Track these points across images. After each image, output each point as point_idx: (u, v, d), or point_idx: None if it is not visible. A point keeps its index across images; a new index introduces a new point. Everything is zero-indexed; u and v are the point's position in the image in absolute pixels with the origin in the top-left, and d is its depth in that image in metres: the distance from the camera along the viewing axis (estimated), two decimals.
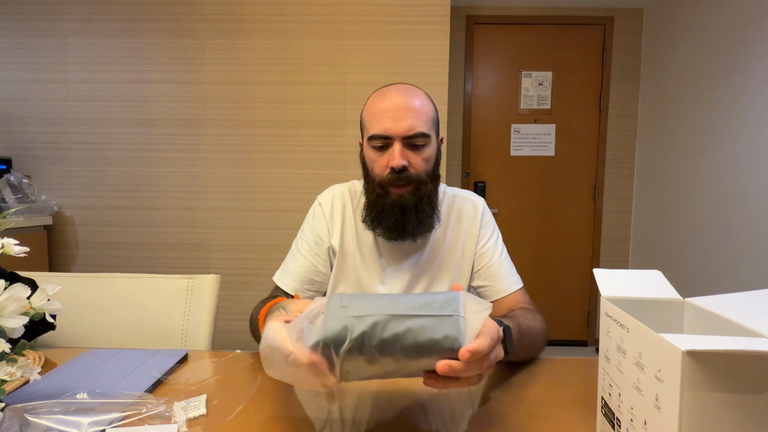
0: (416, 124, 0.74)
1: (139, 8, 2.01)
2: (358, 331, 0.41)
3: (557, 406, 0.55)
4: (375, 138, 0.75)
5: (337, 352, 0.40)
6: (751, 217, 1.74)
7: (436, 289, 0.84)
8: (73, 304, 0.90)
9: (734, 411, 0.30)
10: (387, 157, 0.75)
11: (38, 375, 0.47)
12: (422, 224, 0.78)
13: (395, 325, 0.41)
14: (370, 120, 0.77)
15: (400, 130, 0.73)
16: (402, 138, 0.74)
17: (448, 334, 0.40)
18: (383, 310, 0.42)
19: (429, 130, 0.76)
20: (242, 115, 2.05)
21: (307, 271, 0.84)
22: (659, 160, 2.39)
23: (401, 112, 0.74)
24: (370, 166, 0.79)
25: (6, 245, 0.47)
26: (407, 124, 0.73)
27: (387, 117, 0.74)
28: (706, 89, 2.01)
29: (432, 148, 0.78)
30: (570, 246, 2.71)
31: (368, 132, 0.77)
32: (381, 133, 0.74)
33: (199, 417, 0.51)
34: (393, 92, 0.77)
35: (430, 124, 0.77)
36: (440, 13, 1.98)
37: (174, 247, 2.11)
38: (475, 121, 2.66)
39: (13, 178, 1.93)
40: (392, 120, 0.73)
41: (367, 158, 0.80)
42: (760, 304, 0.40)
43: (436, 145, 0.80)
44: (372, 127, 0.76)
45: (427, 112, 0.77)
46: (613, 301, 0.43)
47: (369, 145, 0.77)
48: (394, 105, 0.74)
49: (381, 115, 0.75)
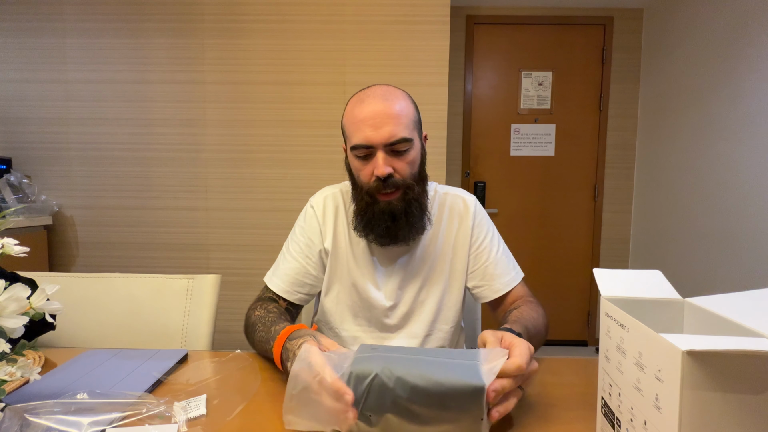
0: (397, 130, 0.73)
1: (139, 8, 2.01)
2: (382, 365, 0.45)
3: (557, 406, 0.55)
4: (357, 148, 0.74)
5: (361, 385, 0.44)
6: (751, 216, 1.74)
7: (428, 288, 0.84)
8: (73, 304, 0.90)
9: (734, 411, 0.30)
10: (371, 165, 0.74)
11: (38, 375, 0.47)
12: (413, 228, 0.78)
13: (420, 363, 0.46)
14: (350, 129, 0.76)
15: (381, 138, 0.72)
16: (384, 146, 0.73)
17: (470, 376, 0.44)
18: (409, 353, 0.48)
19: (410, 133, 0.75)
20: (242, 115, 2.05)
21: (297, 273, 0.84)
22: (659, 160, 2.39)
23: (380, 119, 0.72)
24: (356, 174, 0.78)
25: (6, 245, 0.47)
26: (388, 132, 0.72)
27: (366, 126, 0.73)
28: (706, 89, 2.01)
29: (416, 151, 0.77)
30: (570, 246, 2.71)
31: (350, 141, 0.76)
32: (362, 143, 0.73)
33: (199, 417, 0.51)
34: (370, 99, 0.75)
35: (411, 126, 0.75)
36: (440, 13, 1.98)
37: (174, 247, 2.11)
38: (475, 121, 2.66)
39: (13, 178, 1.93)
40: (372, 128, 0.72)
41: (352, 166, 0.79)
42: (760, 304, 0.40)
43: (419, 146, 0.78)
44: (353, 136, 0.75)
45: (406, 114, 0.75)
46: (613, 301, 0.43)
47: (352, 154, 0.77)
48: (373, 113, 0.73)
49: (360, 124, 0.73)
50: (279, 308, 0.79)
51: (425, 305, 0.84)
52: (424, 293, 0.84)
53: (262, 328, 0.70)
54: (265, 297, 0.84)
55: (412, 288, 0.84)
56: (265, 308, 0.77)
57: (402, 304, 0.84)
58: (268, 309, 0.77)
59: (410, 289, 0.84)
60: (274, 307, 0.78)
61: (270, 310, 0.77)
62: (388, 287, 0.83)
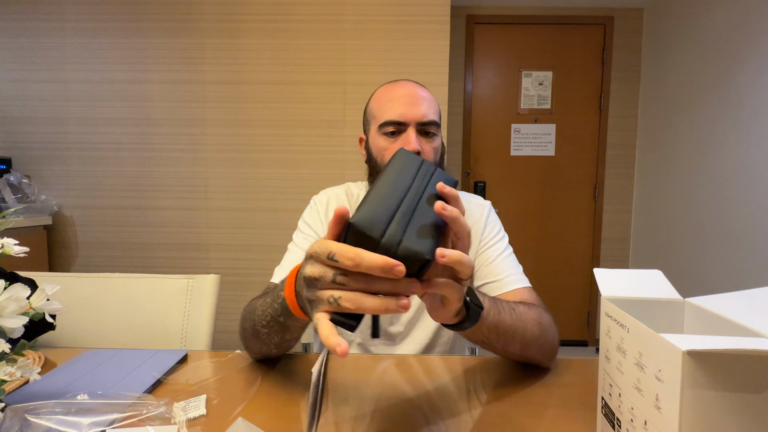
0: (429, 112, 0.74)
1: (139, 8, 2.01)
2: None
3: (557, 406, 0.55)
4: (388, 124, 0.74)
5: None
6: (752, 216, 1.74)
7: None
8: (73, 304, 0.90)
9: (735, 411, 0.30)
10: (400, 143, 0.74)
11: (38, 375, 0.47)
12: None
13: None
14: (381, 108, 0.77)
15: (415, 116, 0.73)
16: (416, 123, 0.74)
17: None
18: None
19: (439, 120, 0.77)
20: (242, 115, 2.05)
21: None
22: (659, 160, 2.39)
23: (415, 98, 0.74)
24: (380, 156, 0.77)
25: (6, 245, 0.47)
26: (422, 111, 0.74)
27: (401, 103, 0.74)
28: (706, 89, 2.01)
29: (439, 141, 0.78)
30: (570, 246, 2.71)
31: (379, 120, 0.76)
32: (395, 118, 0.74)
33: (199, 417, 0.51)
34: (403, 82, 0.78)
35: (437, 116, 0.78)
36: (440, 12, 1.98)
37: (174, 247, 2.11)
38: (475, 121, 2.66)
39: (13, 178, 1.93)
40: (407, 106, 0.73)
41: (375, 148, 0.78)
42: (760, 304, 0.40)
43: (441, 140, 0.80)
44: (384, 114, 0.75)
45: (434, 105, 0.78)
46: (613, 301, 0.43)
47: (380, 132, 0.76)
48: (407, 93, 0.75)
49: (394, 101, 0.75)
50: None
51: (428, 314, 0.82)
52: None
53: (262, 301, 0.59)
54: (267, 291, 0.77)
55: (415, 296, 0.81)
56: (263, 293, 0.72)
57: (406, 312, 0.80)
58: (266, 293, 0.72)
59: (414, 297, 0.81)
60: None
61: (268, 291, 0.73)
62: None
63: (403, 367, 0.67)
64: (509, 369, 0.66)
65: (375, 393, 0.58)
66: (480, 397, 0.58)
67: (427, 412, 0.53)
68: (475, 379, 0.63)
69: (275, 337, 0.57)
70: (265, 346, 0.61)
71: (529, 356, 0.64)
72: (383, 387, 0.60)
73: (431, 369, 0.67)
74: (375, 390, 0.59)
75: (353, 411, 0.54)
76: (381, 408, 0.54)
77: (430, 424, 0.51)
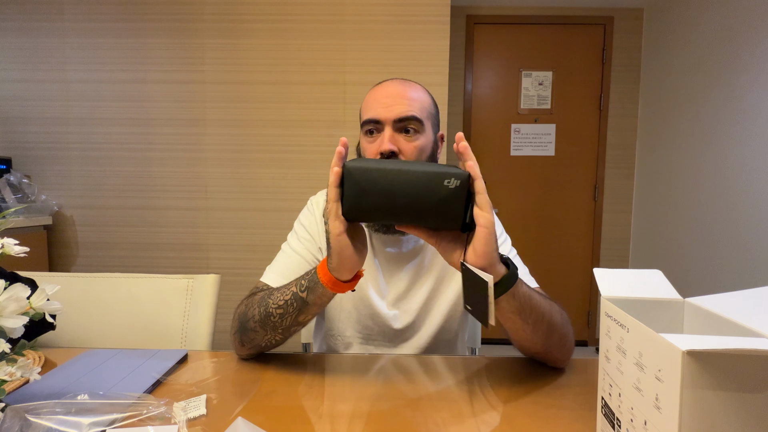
0: (407, 109, 0.73)
1: (139, 8, 2.01)
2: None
3: (557, 406, 0.55)
4: (366, 123, 0.75)
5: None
6: (751, 216, 1.74)
7: (440, 298, 0.81)
8: (73, 304, 0.90)
9: (734, 411, 0.30)
10: (378, 143, 0.73)
11: (38, 375, 0.47)
12: None
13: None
14: (364, 108, 0.77)
15: (390, 114, 0.73)
16: (392, 122, 0.73)
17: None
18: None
19: (422, 117, 0.74)
20: (242, 115, 2.05)
21: (298, 266, 0.79)
22: (659, 160, 2.39)
23: (394, 98, 0.74)
24: (363, 155, 0.77)
25: (6, 245, 0.47)
26: (399, 109, 0.73)
27: (379, 103, 0.74)
28: (706, 89, 2.01)
29: (426, 138, 0.75)
30: (570, 246, 2.71)
31: (362, 119, 0.77)
32: (372, 117, 0.74)
33: (199, 417, 0.51)
34: (388, 82, 0.77)
35: (424, 113, 0.75)
36: (440, 12, 1.98)
37: (174, 247, 2.11)
38: (475, 121, 2.66)
39: (13, 178, 1.93)
40: (384, 106, 0.73)
41: (361, 148, 0.79)
42: (760, 304, 0.40)
43: (431, 137, 0.77)
44: (365, 113, 0.76)
45: (422, 101, 0.76)
46: (613, 301, 0.43)
47: (362, 132, 0.77)
48: (389, 93, 0.75)
49: (374, 102, 0.75)
50: None
51: (431, 315, 0.81)
52: (431, 303, 0.81)
53: (277, 289, 0.66)
54: (255, 292, 0.74)
55: (419, 295, 0.81)
56: (260, 290, 0.73)
57: (407, 314, 0.81)
58: (263, 290, 0.72)
59: (417, 295, 0.81)
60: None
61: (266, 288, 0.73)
62: (392, 294, 0.81)
63: (403, 366, 0.67)
64: (509, 369, 0.66)
65: (374, 392, 0.58)
66: (480, 396, 0.58)
67: (427, 411, 0.53)
68: (475, 379, 0.63)
69: (288, 319, 0.62)
70: (270, 333, 0.64)
71: (551, 346, 0.64)
72: (383, 386, 0.60)
73: (431, 369, 0.67)
74: (375, 389, 0.59)
75: (352, 410, 0.54)
76: (381, 408, 0.54)
77: (430, 424, 0.51)
